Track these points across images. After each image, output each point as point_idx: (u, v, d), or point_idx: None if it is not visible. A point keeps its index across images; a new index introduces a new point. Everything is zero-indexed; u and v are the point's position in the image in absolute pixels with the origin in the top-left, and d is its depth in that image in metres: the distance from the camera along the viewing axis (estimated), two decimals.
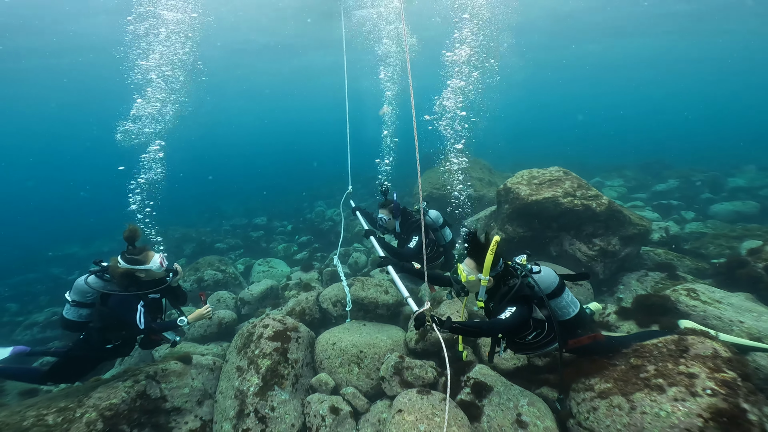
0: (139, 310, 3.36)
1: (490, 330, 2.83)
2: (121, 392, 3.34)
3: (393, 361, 4.08)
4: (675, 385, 2.50)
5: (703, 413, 2.27)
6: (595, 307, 4.23)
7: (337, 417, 3.73)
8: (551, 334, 3.00)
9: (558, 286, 2.99)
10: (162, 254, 3.62)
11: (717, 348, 2.67)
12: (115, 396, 3.28)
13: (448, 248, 5.24)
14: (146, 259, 3.48)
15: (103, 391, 3.33)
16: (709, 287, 4.44)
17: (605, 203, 5.81)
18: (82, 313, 3.56)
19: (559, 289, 2.99)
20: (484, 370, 3.87)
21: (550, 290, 2.97)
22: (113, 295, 3.37)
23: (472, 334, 2.81)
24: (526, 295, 2.87)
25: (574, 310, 3.03)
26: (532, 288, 2.91)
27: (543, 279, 2.97)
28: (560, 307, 3.00)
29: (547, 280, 2.98)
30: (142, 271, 3.45)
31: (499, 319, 2.72)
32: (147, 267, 3.45)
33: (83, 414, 3.10)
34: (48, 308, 8.30)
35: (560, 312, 3.00)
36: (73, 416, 3.08)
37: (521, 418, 3.23)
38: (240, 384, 3.87)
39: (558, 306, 2.99)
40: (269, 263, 9.09)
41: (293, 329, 4.62)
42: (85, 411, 3.13)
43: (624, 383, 2.82)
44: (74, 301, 3.51)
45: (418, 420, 3.09)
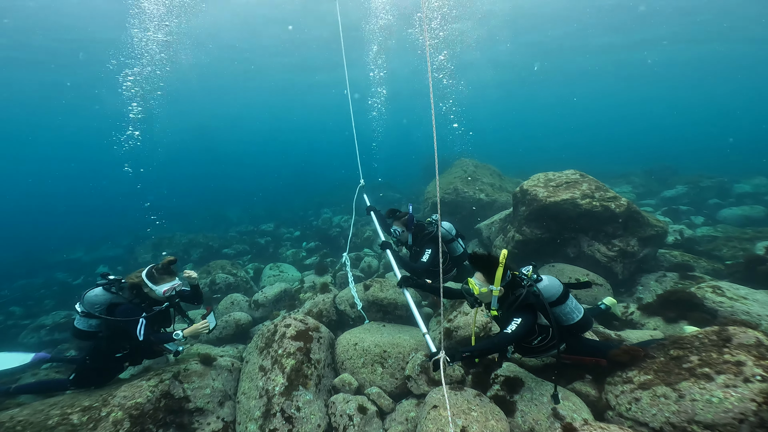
0: (141, 322, 3.49)
1: (499, 345, 2.95)
2: (146, 391, 3.27)
3: (419, 360, 4.02)
4: (723, 373, 2.50)
5: (756, 397, 2.29)
6: (609, 301, 4.40)
7: (365, 416, 3.65)
8: (555, 338, 3.15)
9: (562, 294, 3.17)
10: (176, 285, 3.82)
11: (760, 337, 2.65)
12: (140, 395, 3.21)
13: (461, 260, 5.18)
14: (159, 282, 3.71)
15: (127, 390, 3.26)
16: (733, 285, 4.44)
17: (624, 204, 5.84)
18: (91, 324, 3.72)
19: (563, 296, 3.17)
20: (512, 367, 3.82)
21: (554, 298, 3.13)
22: (119, 306, 3.56)
23: (484, 355, 3.05)
24: (531, 303, 3.04)
25: (577, 315, 3.20)
26: (537, 296, 3.05)
27: (547, 288, 3.15)
28: (565, 313, 3.18)
29: (551, 289, 3.16)
30: (147, 287, 3.68)
31: (505, 333, 2.93)
32: (153, 288, 3.67)
33: (109, 413, 3.03)
34: (54, 311, 8.17)
35: (565, 318, 3.19)
36: (99, 415, 3.00)
37: (557, 412, 3.18)
38: (265, 383, 3.79)
39: (563, 312, 3.18)
40: (279, 268, 9.02)
41: (315, 329, 4.55)
42: (111, 410, 3.06)
43: (666, 374, 2.79)
44: (83, 312, 3.65)
45: (455, 415, 3.03)
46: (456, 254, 5.12)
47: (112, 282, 3.72)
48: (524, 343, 3.30)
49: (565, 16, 16.76)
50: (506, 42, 19.58)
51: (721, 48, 20.93)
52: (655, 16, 16.77)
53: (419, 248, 4.92)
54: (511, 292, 3.14)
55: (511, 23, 17.29)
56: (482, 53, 21.26)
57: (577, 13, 16.50)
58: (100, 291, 3.64)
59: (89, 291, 3.65)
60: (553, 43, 20.43)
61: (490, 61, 23.11)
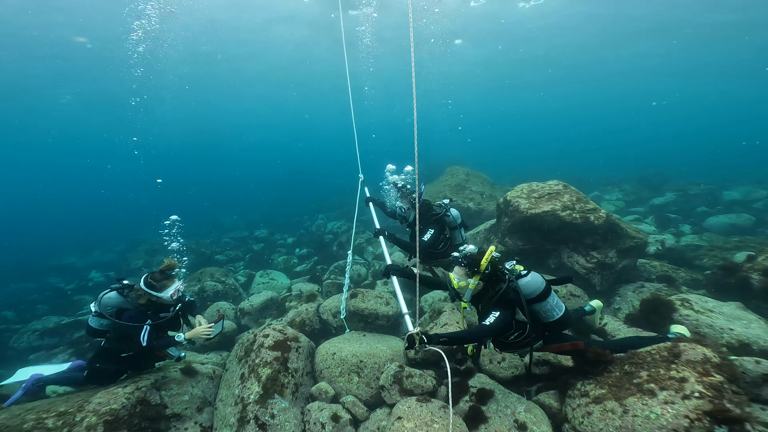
0: (145, 329, 3.61)
1: (475, 336, 3.00)
2: (121, 398, 3.37)
3: (393, 370, 4.11)
4: (666, 389, 2.58)
5: (690, 414, 2.35)
6: (596, 304, 4.41)
7: (338, 424, 3.74)
8: (532, 334, 3.17)
9: (543, 290, 3.14)
10: (181, 284, 3.96)
11: (707, 353, 2.74)
12: (116, 402, 3.31)
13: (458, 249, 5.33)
14: (162, 288, 3.81)
15: (103, 396, 3.37)
16: (702, 297, 4.53)
17: (603, 216, 5.93)
18: (102, 323, 3.92)
19: (545, 293, 3.15)
20: (483, 378, 3.92)
21: (535, 294, 3.12)
22: (127, 312, 3.72)
23: (460, 343, 3.04)
24: (510, 299, 3.05)
25: (558, 313, 3.18)
26: (517, 292, 3.06)
27: (529, 284, 3.13)
28: (545, 310, 3.15)
29: (532, 285, 3.13)
30: (155, 296, 3.79)
31: (483, 325, 2.96)
32: (159, 295, 3.78)
33: (83, 418, 3.14)
34: (45, 316, 8.29)
35: (545, 314, 3.16)
36: (74, 420, 3.11)
37: (519, 424, 3.27)
38: (241, 392, 3.90)
39: (543, 309, 3.15)
40: (269, 275, 9.13)
41: (293, 339, 4.65)
42: (85, 415, 3.16)
43: (618, 389, 2.88)
44: (96, 312, 3.85)
45: (417, 427, 3.12)
46: (455, 242, 5.26)
47: (125, 287, 3.91)
48: (501, 338, 3.32)
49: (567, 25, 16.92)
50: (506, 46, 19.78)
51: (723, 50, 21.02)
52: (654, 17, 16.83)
53: (422, 227, 5.01)
54: (491, 286, 3.18)
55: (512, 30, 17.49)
56: (481, 59, 21.49)
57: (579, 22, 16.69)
58: (114, 294, 3.84)
59: (105, 293, 3.86)
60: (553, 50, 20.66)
61: (489, 66, 23.32)
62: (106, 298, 3.81)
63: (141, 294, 3.77)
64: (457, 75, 23.70)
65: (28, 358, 6.63)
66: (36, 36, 13.94)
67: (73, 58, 16.14)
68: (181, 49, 16.43)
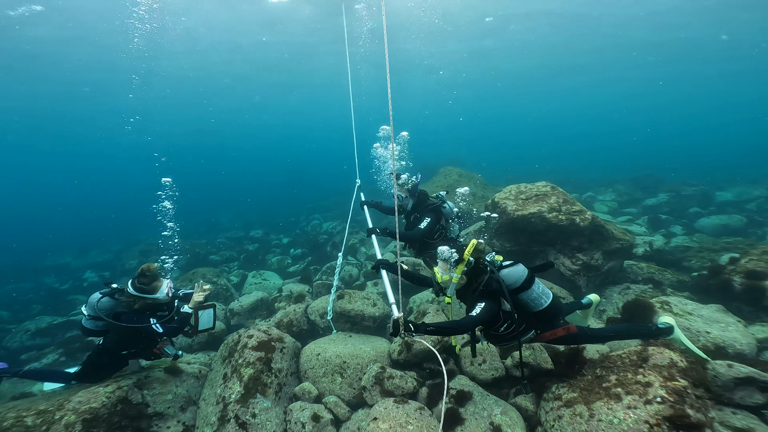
0: (153, 323, 3.65)
1: (461, 327, 2.96)
2: (101, 397, 3.43)
3: (374, 371, 4.16)
4: (631, 394, 2.61)
5: (650, 419, 2.38)
6: (594, 298, 4.30)
7: (318, 424, 3.80)
8: (522, 324, 3.15)
9: (527, 279, 3.11)
10: (171, 281, 3.93)
11: (674, 358, 2.78)
12: (96, 400, 3.37)
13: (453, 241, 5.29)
14: (154, 289, 3.77)
15: (83, 395, 3.42)
16: (683, 299, 4.56)
17: (589, 218, 5.96)
18: (98, 324, 3.86)
19: (528, 282, 3.11)
20: (463, 380, 3.97)
21: (518, 284, 3.08)
22: (124, 315, 3.66)
23: (446, 333, 2.96)
24: (494, 290, 3.03)
25: (545, 301, 3.12)
26: (499, 282, 3.03)
27: (511, 273, 3.11)
28: (531, 299, 3.11)
29: (514, 275, 3.11)
30: (150, 299, 3.76)
31: (469, 316, 2.94)
32: (154, 297, 3.75)
33: (62, 417, 3.19)
34: (39, 317, 8.36)
35: (532, 303, 3.11)
36: (53, 418, 3.17)
37: (494, 426, 3.32)
38: (222, 391, 3.95)
39: (529, 298, 3.11)
40: (262, 275, 9.18)
41: (278, 340, 4.70)
42: (64, 414, 3.22)
43: (588, 392, 2.92)
44: (90, 316, 3.81)
45: (392, 428, 3.17)
46: (450, 235, 5.26)
47: (114, 290, 3.85)
48: (492, 331, 3.30)
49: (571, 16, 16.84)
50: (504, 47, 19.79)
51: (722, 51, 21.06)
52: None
53: (419, 215, 5.06)
54: (474, 279, 3.18)
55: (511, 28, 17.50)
56: (478, 59, 21.51)
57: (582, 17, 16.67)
58: (106, 300, 3.77)
59: (93, 297, 3.80)
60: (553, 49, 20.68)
61: (487, 67, 23.35)
62: (101, 303, 3.75)
63: (135, 300, 3.71)
64: (456, 76, 23.77)
65: (19, 357, 6.69)
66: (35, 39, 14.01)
67: (72, 60, 16.21)
68: (178, 48, 16.47)
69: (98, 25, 13.58)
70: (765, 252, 5.07)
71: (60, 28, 13.56)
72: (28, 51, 14.64)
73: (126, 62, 16.18)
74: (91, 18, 13.18)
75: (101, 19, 13.25)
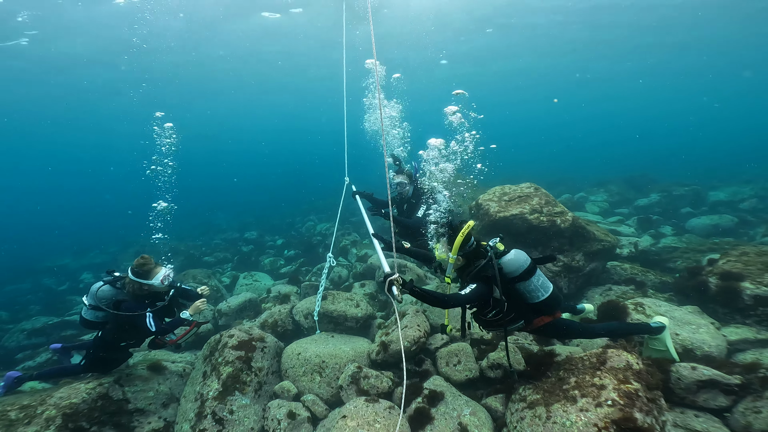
0: (148, 315, 3.73)
1: (447, 301, 2.95)
2: (82, 393, 3.57)
3: (351, 371, 4.25)
4: (585, 396, 2.66)
5: (599, 423, 2.42)
6: (588, 307, 4.35)
7: (294, 421, 3.89)
8: (511, 314, 3.13)
9: (526, 270, 3.04)
10: (168, 270, 4.04)
11: (630, 360, 2.83)
12: (76, 396, 3.52)
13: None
14: (151, 274, 3.89)
15: (65, 391, 3.57)
16: (657, 301, 4.61)
17: (569, 220, 6.02)
18: (98, 315, 3.97)
19: (528, 273, 3.04)
20: (437, 380, 4.04)
21: (517, 273, 3.04)
22: (124, 303, 3.77)
23: (431, 301, 2.93)
24: (488, 275, 2.99)
25: (543, 294, 3.06)
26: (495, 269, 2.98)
27: (511, 261, 3.06)
28: (528, 291, 3.06)
29: (514, 263, 3.05)
30: (146, 285, 3.87)
31: (458, 294, 2.96)
32: (150, 283, 3.85)
33: (44, 411, 3.35)
34: (35, 317, 8.53)
35: (529, 295, 3.07)
36: (35, 413, 3.34)
37: (462, 427, 3.39)
38: (201, 388, 4.07)
39: (526, 289, 3.06)
40: (253, 276, 9.28)
41: (259, 339, 4.81)
42: (45, 409, 3.38)
43: (549, 394, 2.97)
44: (90, 305, 3.92)
45: (359, 426, 3.26)
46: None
47: (117, 279, 3.99)
48: (481, 316, 3.29)
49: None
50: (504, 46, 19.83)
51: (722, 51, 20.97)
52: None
53: (416, 201, 5.25)
54: (472, 261, 3.16)
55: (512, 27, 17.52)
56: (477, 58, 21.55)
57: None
58: (107, 288, 3.91)
59: (98, 286, 3.91)
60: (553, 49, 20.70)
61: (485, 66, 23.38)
62: (101, 291, 3.87)
63: (132, 285, 3.85)
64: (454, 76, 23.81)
65: (15, 357, 6.85)
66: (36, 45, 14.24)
67: (72, 65, 16.44)
68: (176, 51, 16.63)
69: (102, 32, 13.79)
70: (744, 253, 5.10)
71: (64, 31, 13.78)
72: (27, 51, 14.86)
73: (126, 63, 16.38)
74: (94, 24, 13.37)
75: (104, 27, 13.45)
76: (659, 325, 3.52)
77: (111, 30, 13.82)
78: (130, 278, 3.83)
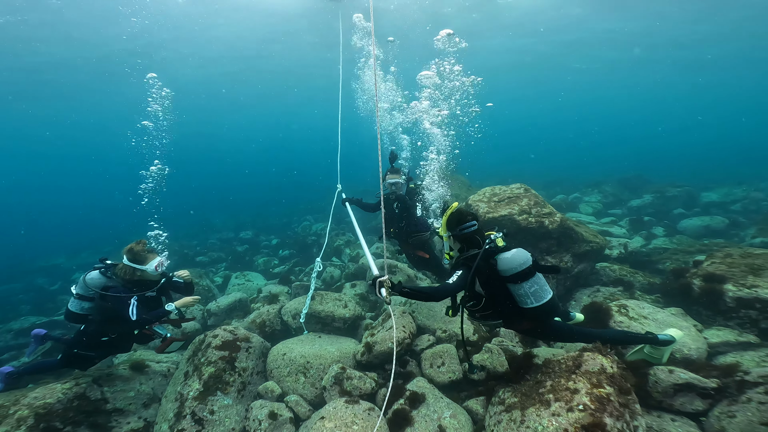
0: (133, 303, 3.65)
1: (436, 294, 2.94)
2: (57, 393, 3.56)
3: (334, 372, 4.24)
4: (559, 401, 2.63)
5: (569, 427, 2.40)
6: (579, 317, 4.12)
7: (275, 422, 3.87)
8: (488, 310, 3.11)
9: (521, 273, 2.93)
10: (163, 258, 4.02)
11: (605, 364, 2.82)
12: (51, 396, 3.50)
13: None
14: (145, 260, 3.85)
15: (40, 391, 3.56)
16: (641, 303, 4.60)
17: (557, 221, 6.01)
18: (83, 306, 3.93)
19: (522, 276, 2.93)
20: (420, 382, 4.03)
21: (509, 274, 2.95)
22: (111, 289, 3.72)
23: (422, 297, 2.95)
24: (470, 265, 2.95)
25: (533, 302, 2.94)
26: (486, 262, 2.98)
27: (506, 261, 2.96)
28: (517, 294, 2.98)
29: (509, 263, 2.95)
30: (139, 270, 3.82)
31: (445, 284, 2.95)
32: (143, 268, 3.82)
33: (16, 411, 3.34)
34: (24, 317, 8.51)
35: (517, 299, 3.00)
36: (7, 413, 3.32)
37: (442, 429, 3.38)
38: (182, 388, 4.05)
39: (516, 292, 2.98)
40: (246, 276, 9.26)
41: (244, 339, 4.80)
42: (18, 408, 3.37)
43: (526, 398, 2.95)
44: (78, 295, 3.88)
45: (337, 427, 3.26)
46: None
47: (108, 266, 3.92)
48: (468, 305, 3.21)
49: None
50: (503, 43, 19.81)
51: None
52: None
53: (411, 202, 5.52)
54: (467, 248, 3.16)
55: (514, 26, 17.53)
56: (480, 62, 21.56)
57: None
58: (96, 274, 3.85)
59: (87, 273, 3.88)
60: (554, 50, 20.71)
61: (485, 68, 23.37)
62: (89, 278, 3.81)
63: (125, 270, 3.80)
64: None
65: (1, 357, 6.83)
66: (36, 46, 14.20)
67: (72, 65, 16.39)
68: (175, 52, 16.60)
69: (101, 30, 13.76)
70: (728, 255, 5.11)
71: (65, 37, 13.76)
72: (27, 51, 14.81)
73: (122, 64, 16.33)
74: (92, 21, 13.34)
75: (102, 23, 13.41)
76: (667, 338, 3.34)
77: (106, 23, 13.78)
78: (124, 263, 3.78)
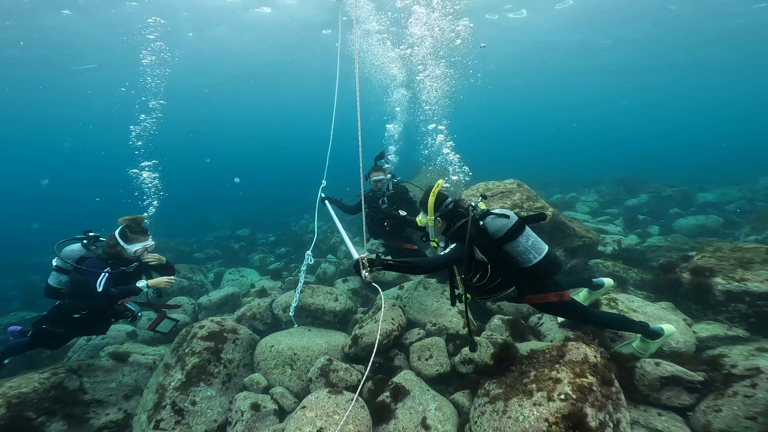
0: (103, 275, 3.57)
1: (422, 266, 2.79)
2: (34, 382, 3.51)
3: (320, 364, 4.19)
4: (541, 390, 2.59)
5: (549, 417, 2.36)
6: (608, 282, 4.08)
7: (258, 413, 3.83)
8: (497, 278, 2.94)
9: (512, 228, 2.80)
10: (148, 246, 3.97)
11: (588, 353, 2.78)
12: (27, 386, 3.46)
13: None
14: (131, 241, 3.83)
15: (16, 381, 3.51)
16: (630, 296, 4.57)
17: (549, 215, 5.98)
18: (61, 280, 3.87)
19: (513, 232, 2.80)
20: (407, 375, 3.97)
21: (501, 233, 2.81)
22: (86, 262, 3.64)
23: (407, 269, 2.73)
24: (462, 235, 2.80)
25: (536, 256, 2.81)
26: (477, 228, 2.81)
27: (494, 221, 2.84)
28: (518, 252, 2.83)
29: (498, 222, 2.82)
30: (120, 246, 3.80)
31: (437, 255, 2.83)
32: (125, 247, 3.80)
33: None
34: (13, 312, 8.47)
35: (519, 258, 2.84)
36: None
37: (426, 422, 3.32)
38: (163, 379, 4.00)
39: (515, 251, 2.84)
40: (240, 272, 9.22)
41: (231, 331, 4.76)
42: None
43: (510, 388, 2.90)
44: (56, 267, 3.82)
45: (317, 416, 3.21)
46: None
47: (90, 238, 3.88)
48: (468, 282, 3.02)
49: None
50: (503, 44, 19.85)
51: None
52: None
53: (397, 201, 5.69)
54: (453, 222, 3.05)
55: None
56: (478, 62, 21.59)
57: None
58: (77, 246, 3.81)
59: (67, 243, 3.82)
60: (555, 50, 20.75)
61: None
62: (69, 249, 3.75)
63: (110, 240, 3.78)
64: None
65: None
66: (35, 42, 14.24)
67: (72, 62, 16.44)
68: (175, 50, 16.59)
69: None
70: (718, 249, 5.07)
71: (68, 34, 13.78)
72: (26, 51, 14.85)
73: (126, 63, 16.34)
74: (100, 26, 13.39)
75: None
76: (658, 329, 3.27)
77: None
78: (114, 233, 3.76)
